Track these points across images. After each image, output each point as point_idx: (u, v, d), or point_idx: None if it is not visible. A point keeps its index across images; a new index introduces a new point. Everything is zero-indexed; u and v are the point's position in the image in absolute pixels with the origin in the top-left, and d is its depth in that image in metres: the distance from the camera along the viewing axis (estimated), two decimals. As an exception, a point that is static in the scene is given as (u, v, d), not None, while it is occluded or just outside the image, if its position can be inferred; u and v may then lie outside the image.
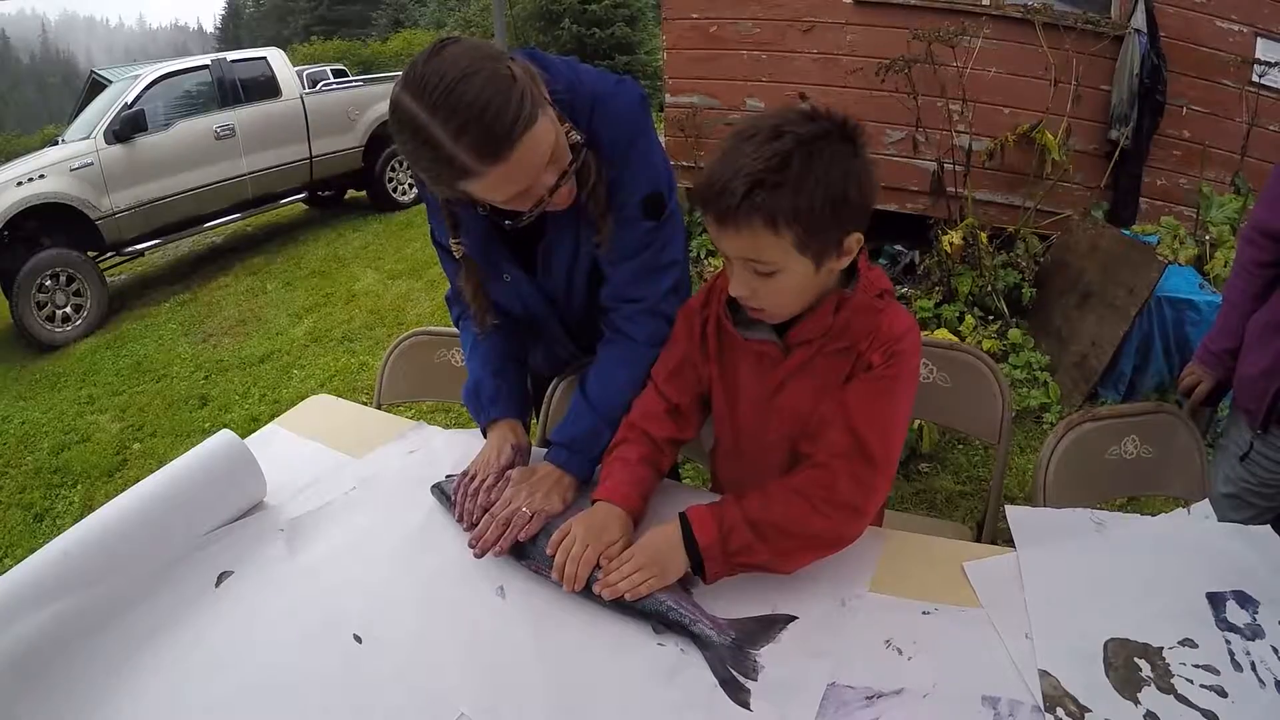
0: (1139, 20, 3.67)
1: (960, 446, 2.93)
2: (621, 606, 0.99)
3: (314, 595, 1.10)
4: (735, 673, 0.90)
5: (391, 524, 1.24)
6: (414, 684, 0.94)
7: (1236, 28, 3.69)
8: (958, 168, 3.97)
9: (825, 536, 1.01)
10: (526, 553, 1.10)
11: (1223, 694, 0.83)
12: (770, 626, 0.96)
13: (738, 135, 0.96)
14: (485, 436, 1.31)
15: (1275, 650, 0.88)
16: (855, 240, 0.99)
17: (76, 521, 1.16)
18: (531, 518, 1.10)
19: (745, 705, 0.86)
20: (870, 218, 1.01)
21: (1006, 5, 4.01)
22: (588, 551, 1.02)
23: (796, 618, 0.95)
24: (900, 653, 0.92)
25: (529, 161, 0.98)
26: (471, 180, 0.97)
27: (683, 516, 1.03)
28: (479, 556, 1.09)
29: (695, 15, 4.70)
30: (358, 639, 1.01)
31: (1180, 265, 3.23)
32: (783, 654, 0.93)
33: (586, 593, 1.02)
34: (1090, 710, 0.82)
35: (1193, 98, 3.81)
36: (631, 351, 1.26)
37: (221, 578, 1.14)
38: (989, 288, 3.69)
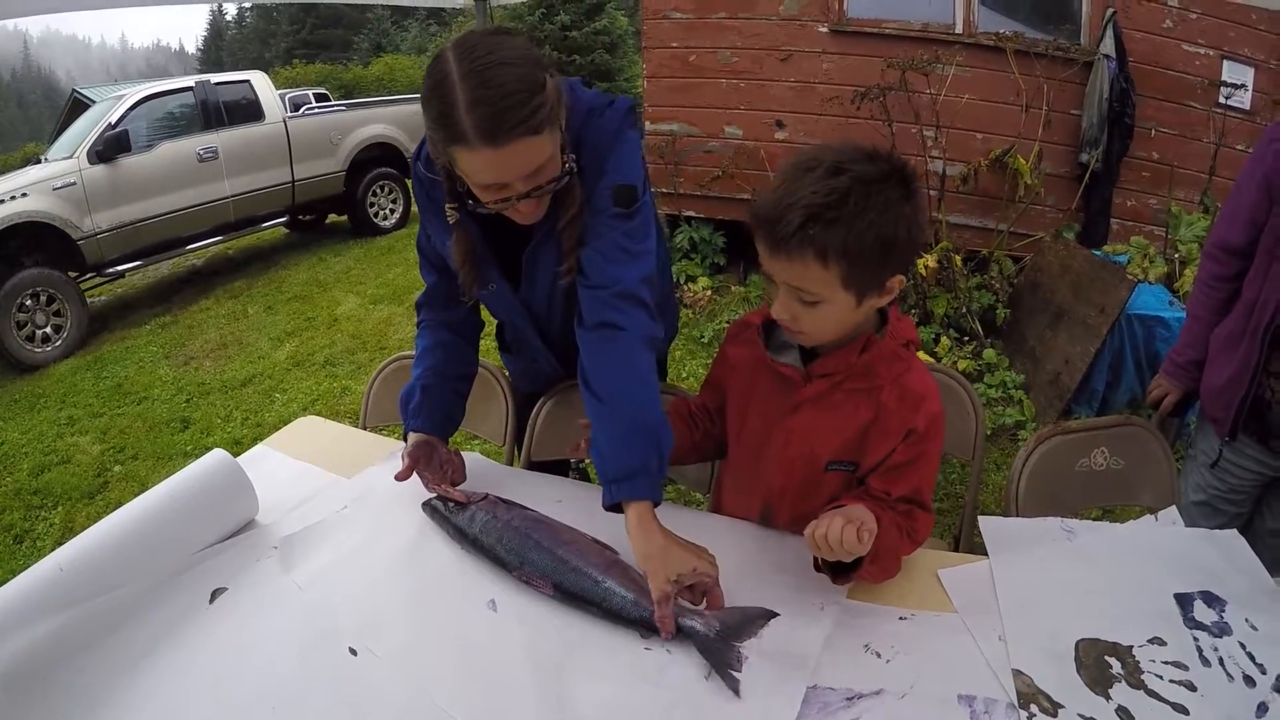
0: (1108, 46, 3.76)
1: (938, 464, 2.97)
2: (609, 614, 1.03)
3: (308, 610, 1.11)
4: (723, 663, 0.93)
5: (384, 540, 1.26)
6: (409, 695, 0.95)
7: (1203, 51, 3.80)
8: (932, 192, 4.04)
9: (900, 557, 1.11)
10: (516, 563, 1.12)
11: (1192, 688, 0.87)
12: (752, 620, 0.99)
13: (798, 166, 0.98)
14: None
15: (1243, 646, 0.92)
16: (898, 281, 1.02)
17: (57, 543, 1.16)
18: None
19: (735, 691, 0.90)
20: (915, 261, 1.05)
21: (979, 34, 4.11)
22: None
23: (778, 614, 0.98)
24: (879, 656, 0.95)
25: (515, 161, 1.06)
26: (461, 149, 1.04)
27: None
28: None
29: (675, 44, 4.77)
30: (353, 652, 1.02)
31: (1150, 283, 3.30)
32: (764, 656, 0.95)
33: (575, 601, 1.05)
34: (1063, 706, 0.86)
35: (1161, 120, 3.91)
36: (626, 347, 1.18)
37: (215, 594, 1.15)
38: (964, 309, 3.76)
